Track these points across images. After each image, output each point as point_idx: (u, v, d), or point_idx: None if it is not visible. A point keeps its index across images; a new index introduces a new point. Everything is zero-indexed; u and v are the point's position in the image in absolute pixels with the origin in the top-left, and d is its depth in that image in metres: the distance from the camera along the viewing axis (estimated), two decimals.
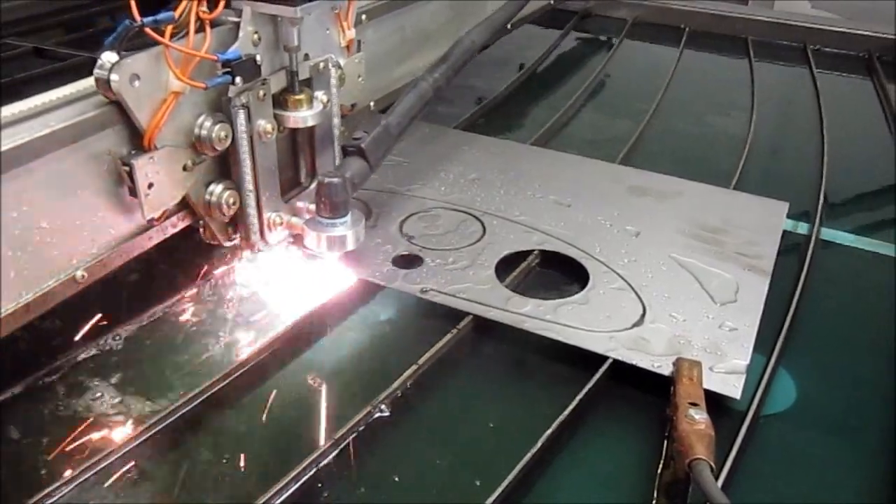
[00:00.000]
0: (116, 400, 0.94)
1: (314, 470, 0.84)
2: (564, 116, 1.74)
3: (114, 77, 0.84)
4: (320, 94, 1.08)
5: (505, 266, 1.16)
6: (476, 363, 1.02)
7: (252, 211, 1.04)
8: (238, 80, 0.95)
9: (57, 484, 0.80)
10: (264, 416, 0.92)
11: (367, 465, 0.87)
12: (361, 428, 0.89)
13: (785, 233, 1.28)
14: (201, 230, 1.05)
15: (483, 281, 1.11)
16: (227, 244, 1.08)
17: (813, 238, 1.30)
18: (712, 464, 0.74)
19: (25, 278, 0.83)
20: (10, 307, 0.82)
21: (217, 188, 1.01)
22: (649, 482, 0.85)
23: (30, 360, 0.98)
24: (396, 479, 0.86)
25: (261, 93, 0.99)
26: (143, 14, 0.84)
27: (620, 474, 0.89)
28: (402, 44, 1.48)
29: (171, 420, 0.89)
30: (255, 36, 0.98)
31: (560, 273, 1.18)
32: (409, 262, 1.16)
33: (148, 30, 0.84)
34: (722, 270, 1.15)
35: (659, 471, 0.86)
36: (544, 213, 1.28)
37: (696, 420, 0.80)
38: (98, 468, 0.83)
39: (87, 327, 1.02)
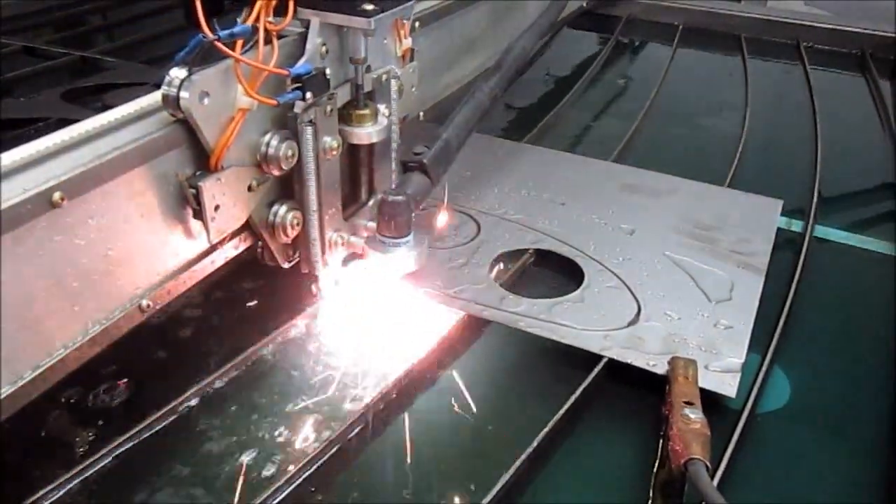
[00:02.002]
0: None
1: (304, 469, 0.83)
2: (558, 114, 1.74)
3: (184, 94, 0.79)
4: (382, 108, 1.04)
5: (500, 265, 1.16)
6: (470, 362, 1.02)
7: (315, 232, 1.00)
8: (308, 95, 0.90)
9: None
10: None
11: (360, 465, 0.86)
12: (359, 427, 0.89)
13: (779, 230, 1.28)
14: (259, 252, 1.01)
15: (478, 280, 1.11)
16: (286, 265, 1.03)
17: (807, 235, 1.30)
18: (708, 463, 0.74)
19: (91, 310, 0.80)
20: (78, 341, 0.78)
21: (281, 209, 0.97)
22: (645, 481, 0.85)
23: None
24: (389, 480, 0.85)
25: (328, 108, 0.94)
26: (209, 27, 0.79)
27: (616, 474, 0.89)
28: (449, 51, 1.45)
29: None
30: (324, 48, 0.94)
31: (555, 272, 1.17)
32: None
33: (219, 44, 0.80)
34: (716, 268, 1.15)
35: (655, 470, 0.85)
36: (539, 212, 1.28)
37: (692, 419, 0.80)
38: None
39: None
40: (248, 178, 0.90)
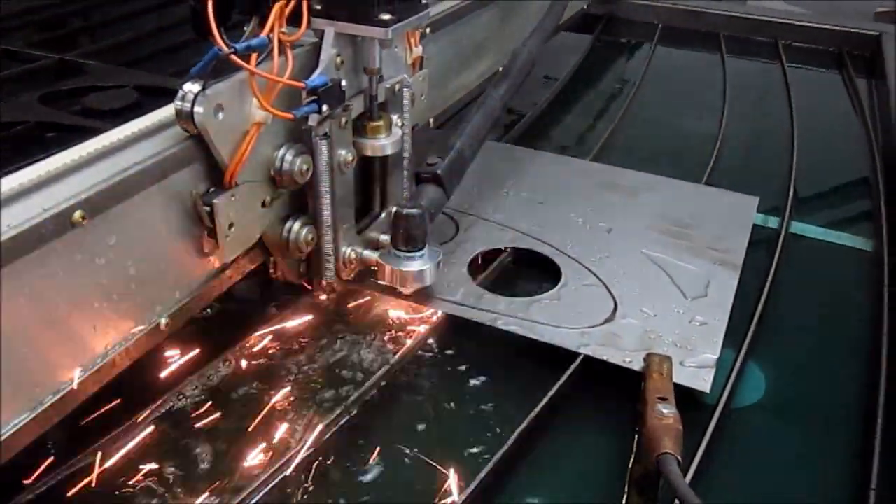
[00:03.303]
0: None
1: (281, 476, 0.83)
2: (537, 113, 1.75)
3: (198, 109, 0.78)
4: (395, 118, 1.02)
5: (478, 264, 1.17)
6: (448, 361, 1.03)
7: (329, 246, 0.98)
8: (324, 107, 0.88)
9: None
10: None
11: (337, 466, 0.87)
12: (333, 430, 0.89)
13: (755, 227, 1.30)
14: (271, 268, 0.99)
15: (456, 279, 1.12)
16: (298, 282, 1.02)
17: (783, 232, 1.31)
18: (679, 458, 0.75)
19: (110, 331, 0.78)
20: (98, 363, 0.77)
21: (294, 225, 0.95)
22: (622, 477, 0.86)
23: None
24: (366, 479, 0.86)
25: (343, 120, 0.93)
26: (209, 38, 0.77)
27: (593, 470, 0.90)
28: (457, 56, 1.45)
29: None
30: (339, 59, 0.92)
31: (533, 270, 1.18)
32: None
33: (235, 57, 0.78)
34: (692, 265, 1.16)
35: (630, 466, 0.86)
36: (517, 211, 1.29)
37: (665, 415, 0.81)
38: None
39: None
40: (262, 194, 0.89)
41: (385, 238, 1.04)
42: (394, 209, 1.00)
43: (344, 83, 0.91)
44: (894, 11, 2.67)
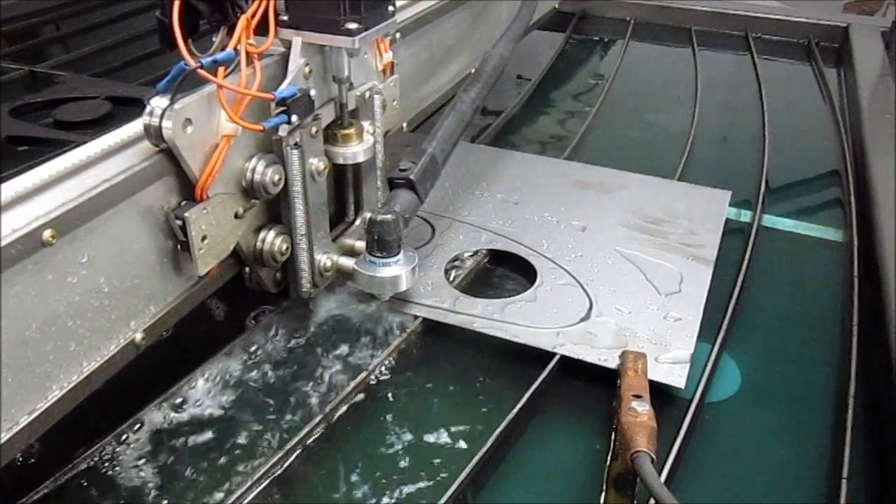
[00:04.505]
0: None
1: (269, 479, 0.84)
2: (510, 113, 1.76)
3: (166, 124, 0.78)
4: (366, 125, 1.03)
5: (454, 267, 1.17)
6: (426, 365, 1.03)
7: (304, 255, 0.99)
8: (294, 118, 0.89)
9: None
10: None
11: (319, 468, 0.87)
12: (316, 434, 0.90)
13: (728, 221, 1.31)
14: (247, 277, 1.00)
15: (433, 283, 1.12)
16: (274, 290, 1.03)
17: (755, 225, 1.33)
18: (653, 455, 0.76)
19: (86, 347, 0.78)
20: (74, 380, 0.77)
21: (268, 235, 0.96)
22: (600, 475, 0.87)
23: None
24: (345, 481, 0.86)
25: (313, 129, 0.93)
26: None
27: (572, 468, 0.91)
28: (429, 60, 1.45)
29: None
30: (307, 69, 0.92)
31: (509, 271, 1.19)
32: None
33: (202, 71, 0.78)
34: (666, 261, 1.17)
35: (608, 464, 0.87)
36: (492, 212, 1.29)
37: (639, 412, 0.82)
38: None
39: None
40: (235, 206, 0.89)
41: (360, 244, 1.04)
42: (368, 215, 1.01)
43: (313, 93, 0.92)
44: (862, 2, 2.70)
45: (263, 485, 0.83)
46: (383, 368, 1.00)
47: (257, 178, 0.90)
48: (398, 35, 1.17)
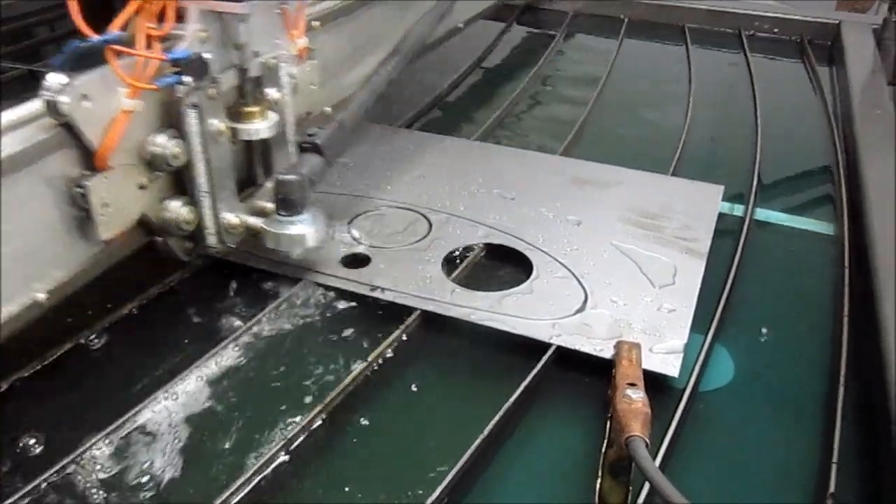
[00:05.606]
0: None
1: (260, 477, 0.85)
2: (507, 111, 1.77)
3: (63, 99, 0.83)
4: (273, 93, 1.08)
5: (452, 261, 1.19)
6: (424, 357, 1.05)
7: (208, 212, 1.03)
8: (188, 78, 0.93)
9: None
10: None
11: (312, 463, 0.88)
12: (311, 428, 0.91)
13: (721, 215, 1.33)
14: (159, 245, 1.04)
15: (431, 277, 1.14)
16: (185, 259, 1.07)
17: (747, 219, 1.35)
18: (647, 440, 0.78)
19: None
20: None
21: (174, 204, 1.00)
22: (596, 463, 0.88)
23: None
24: (342, 475, 0.87)
25: (212, 91, 0.98)
26: (92, 30, 0.83)
27: (568, 456, 0.92)
28: (355, 48, 1.47)
29: None
30: (203, 34, 0.98)
31: (505, 265, 1.21)
32: (358, 261, 1.18)
33: (96, 46, 0.84)
34: (660, 255, 1.19)
35: (603, 451, 0.89)
36: (489, 207, 1.31)
37: (633, 399, 0.83)
38: None
39: None
40: (137, 177, 0.95)
41: (272, 206, 1.08)
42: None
43: (208, 56, 0.97)
44: (854, 0, 2.72)
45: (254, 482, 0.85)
46: (382, 360, 1.02)
47: (158, 151, 0.95)
48: (316, 23, 1.23)
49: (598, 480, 0.86)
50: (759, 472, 0.91)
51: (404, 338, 1.05)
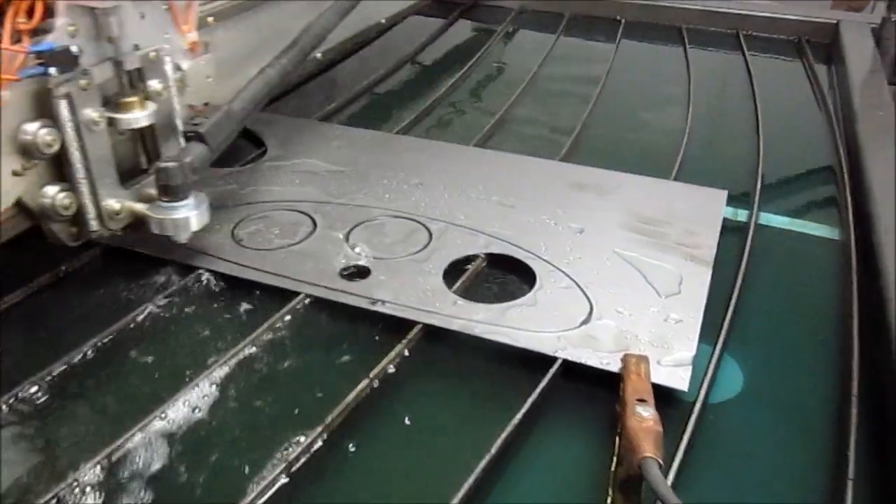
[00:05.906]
0: None
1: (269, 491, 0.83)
2: (505, 115, 1.75)
3: None
4: (155, 84, 1.13)
5: (453, 271, 1.17)
6: (428, 371, 1.02)
7: (88, 199, 1.07)
8: (53, 70, 0.97)
9: None
10: None
11: (321, 480, 0.86)
12: (317, 445, 0.89)
13: (725, 220, 1.30)
14: (46, 232, 1.07)
15: (432, 288, 1.11)
16: (73, 244, 1.10)
17: (752, 224, 1.33)
18: (660, 461, 0.75)
19: None
20: None
21: (52, 190, 1.04)
22: (605, 480, 0.86)
23: None
24: (343, 496, 0.85)
25: (83, 82, 1.02)
26: None
27: (577, 473, 0.90)
28: (261, 43, 1.50)
29: None
30: (72, 28, 1.01)
31: (508, 275, 1.18)
32: (357, 273, 1.15)
33: None
34: (665, 262, 1.17)
35: (613, 468, 0.87)
36: (489, 215, 1.29)
37: (644, 417, 0.81)
38: None
39: None
40: (12, 164, 0.99)
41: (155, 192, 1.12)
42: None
43: (76, 49, 1.00)
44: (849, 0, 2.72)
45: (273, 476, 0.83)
46: (384, 375, 0.99)
47: (30, 139, 0.99)
48: (210, 19, 1.29)
49: (609, 499, 0.84)
50: (771, 487, 0.89)
51: (406, 352, 1.03)
